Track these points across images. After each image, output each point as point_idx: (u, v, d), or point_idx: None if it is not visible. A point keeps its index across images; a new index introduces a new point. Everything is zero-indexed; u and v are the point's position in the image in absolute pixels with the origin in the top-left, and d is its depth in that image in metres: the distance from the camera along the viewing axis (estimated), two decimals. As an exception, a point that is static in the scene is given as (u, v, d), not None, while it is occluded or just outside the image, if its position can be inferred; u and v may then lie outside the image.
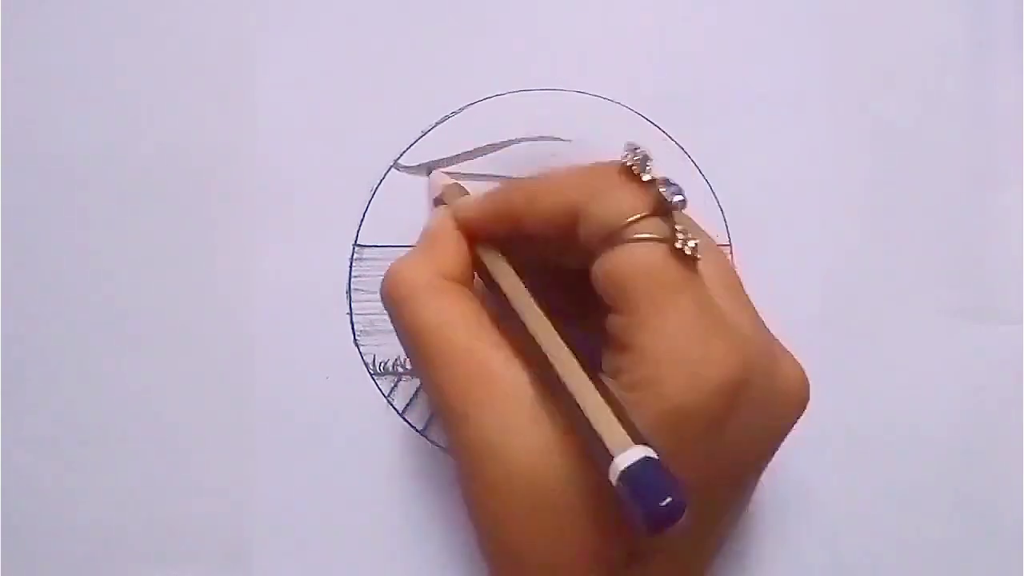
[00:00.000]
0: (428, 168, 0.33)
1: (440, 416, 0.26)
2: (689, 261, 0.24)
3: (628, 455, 0.21)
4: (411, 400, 0.33)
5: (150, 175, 0.33)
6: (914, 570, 0.33)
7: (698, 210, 0.27)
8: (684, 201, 0.24)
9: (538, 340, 0.25)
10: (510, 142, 0.33)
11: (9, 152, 0.33)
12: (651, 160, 0.25)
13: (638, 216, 0.24)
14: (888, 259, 0.34)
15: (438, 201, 0.31)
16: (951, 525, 0.33)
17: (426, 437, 0.33)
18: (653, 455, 0.21)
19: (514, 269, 0.27)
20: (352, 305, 0.33)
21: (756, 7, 0.34)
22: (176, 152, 0.33)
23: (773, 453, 0.26)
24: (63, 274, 0.33)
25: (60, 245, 0.33)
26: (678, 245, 0.24)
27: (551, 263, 0.27)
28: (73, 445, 0.33)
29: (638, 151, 0.25)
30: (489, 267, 0.27)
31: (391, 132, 0.33)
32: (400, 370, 0.33)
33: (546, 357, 0.24)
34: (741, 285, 0.26)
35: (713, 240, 0.27)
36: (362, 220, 0.33)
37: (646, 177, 0.25)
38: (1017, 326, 0.34)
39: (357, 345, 0.33)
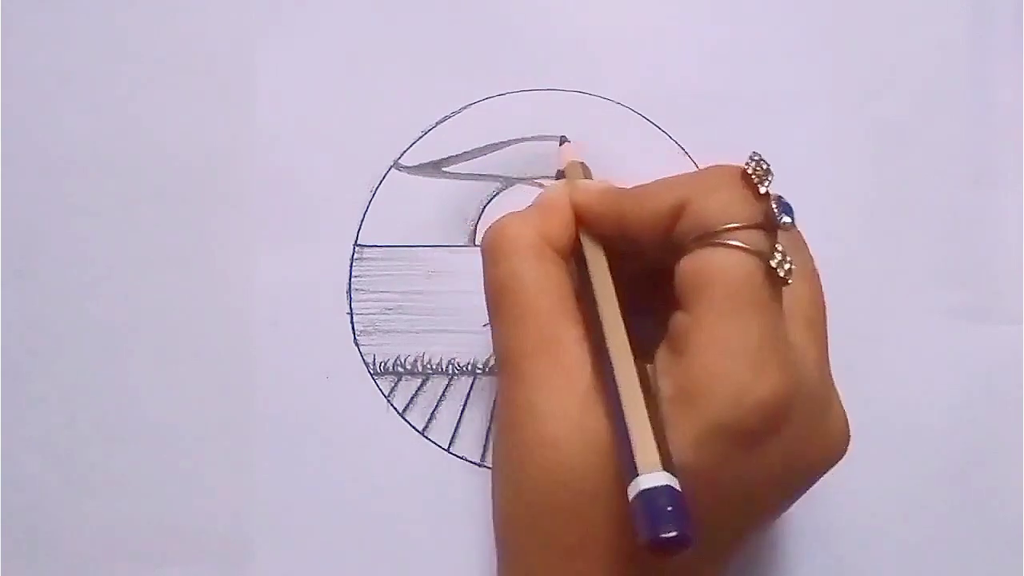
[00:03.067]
0: (430, 168, 0.33)
1: (499, 369, 0.26)
2: (777, 283, 0.24)
3: (652, 477, 0.21)
4: (411, 400, 0.33)
5: (150, 175, 0.33)
6: (914, 570, 0.33)
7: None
8: (792, 223, 0.24)
9: (606, 335, 0.25)
10: (510, 142, 0.33)
11: (9, 152, 0.33)
12: (772, 175, 0.25)
13: (742, 224, 0.24)
14: (888, 259, 0.34)
15: (560, 174, 0.31)
16: (951, 525, 0.33)
17: (426, 437, 0.33)
18: (676, 486, 0.21)
19: (606, 258, 0.27)
20: (352, 305, 0.33)
21: (756, 7, 0.34)
22: (176, 152, 0.33)
23: (799, 495, 0.26)
24: (63, 274, 0.33)
25: (60, 245, 0.33)
26: (773, 264, 0.23)
27: (638, 257, 0.27)
28: (73, 445, 0.33)
29: (762, 162, 0.25)
30: (585, 250, 0.28)
31: (391, 132, 0.33)
32: (400, 370, 0.33)
33: (608, 352, 0.24)
34: (824, 321, 0.26)
35: (815, 268, 0.27)
36: (362, 220, 0.33)
37: (763, 189, 0.24)
38: (1017, 326, 0.34)
39: (357, 345, 0.33)
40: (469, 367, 0.33)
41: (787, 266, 0.24)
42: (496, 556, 0.26)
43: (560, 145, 0.33)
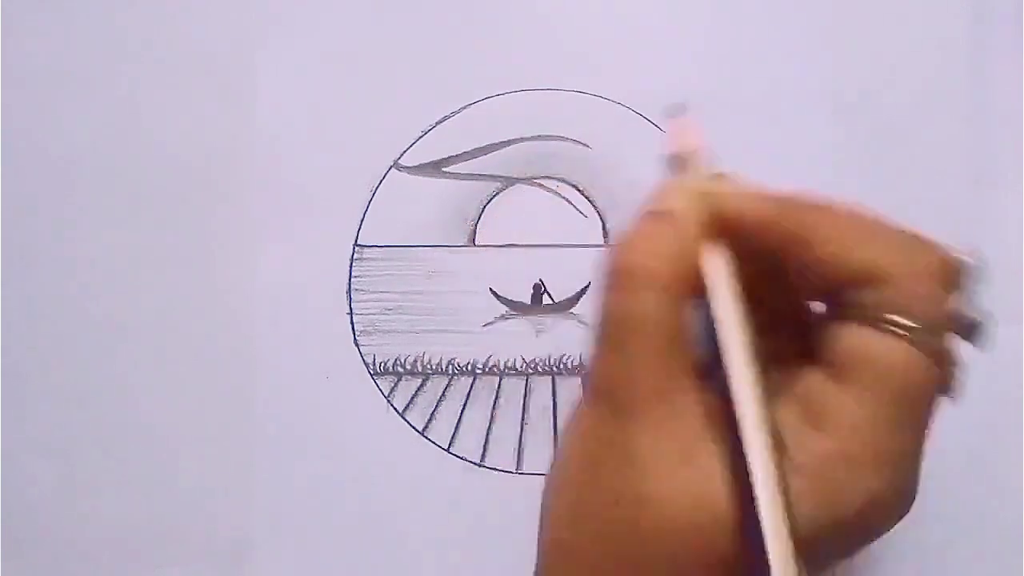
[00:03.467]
0: (430, 168, 0.33)
1: (595, 400, 0.23)
2: (945, 396, 0.23)
3: None
4: (411, 400, 0.33)
5: (150, 175, 0.33)
6: (914, 570, 0.33)
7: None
8: (977, 335, 0.23)
9: (739, 417, 0.22)
10: (510, 142, 0.33)
11: (9, 152, 0.33)
12: (981, 274, 0.23)
13: (932, 323, 0.22)
14: (888, 259, 0.34)
15: (674, 161, 0.26)
16: (951, 525, 0.33)
17: (426, 437, 0.33)
18: None
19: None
20: (352, 305, 0.33)
21: (756, 7, 0.34)
22: (176, 152, 0.33)
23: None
24: (63, 274, 0.33)
25: (60, 245, 0.33)
26: (948, 377, 0.23)
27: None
28: (73, 446, 0.33)
29: (975, 260, 0.23)
30: (719, 296, 0.23)
31: (391, 132, 0.33)
32: (400, 370, 0.33)
33: (738, 438, 0.22)
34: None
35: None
36: (362, 220, 0.33)
37: (964, 292, 0.23)
38: (1017, 326, 0.34)
39: (357, 345, 0.33)
40: (469, 367, 0.33)
41: (960, 383, 0.23)
42: None
43: (672, 119, 0.26)
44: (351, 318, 0.33)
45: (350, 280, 0.33)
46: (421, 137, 0.33)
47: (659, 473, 0.22)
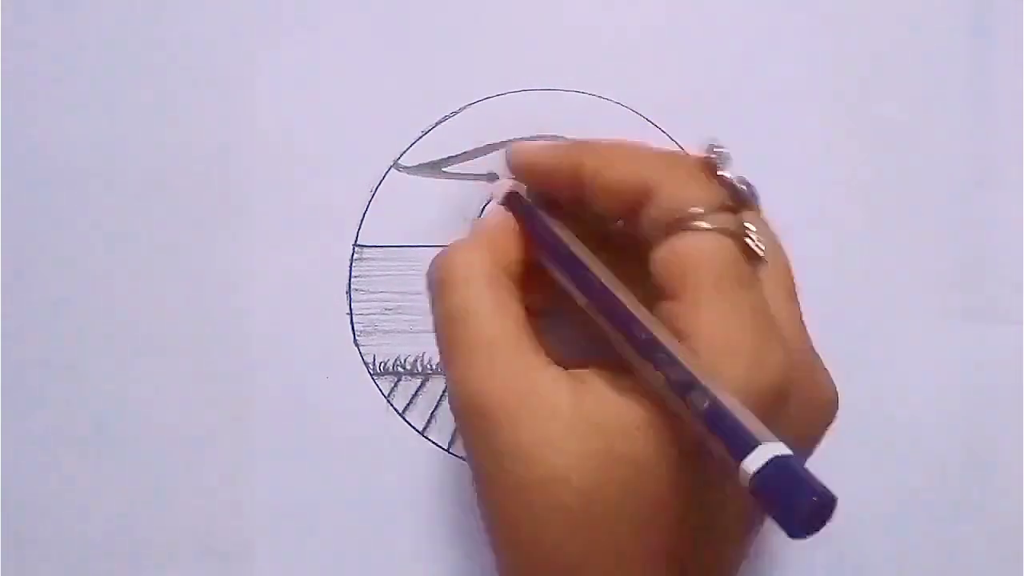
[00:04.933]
0: (430, 168, 0.33)
1: (461, 415, 0.25)
2: (755, 260, 0.24)
3: (758, 455, 0.19)
4: (411, 400, 0.33)
5: (150, 175, 0.33)
6: (914, 570, 0.33)
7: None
8: (757, 200, 0.25)
9: (632, 323, 0.23)
10: (510, 142, 0.33)
11: (9, 152, 0.33)
12: (731, 160, 0.25)
13: (711, 208, 0.24)
14: (888, 259, 0.34)
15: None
16: (951, 525, 0.33)
17: (426, 437, 0.33)
18: (785, 451, 0.19)
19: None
20: (352, 305, 0.33)
21: (756, 7, 0.34)
22: (176, 152, 0.33)
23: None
24: (63, 274, 0.33)
25: (60, 245, 0.33)
26: (748, 243, 0.24)
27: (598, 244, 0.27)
28: (73, 445, 0.33)
29: (721, 149, 0.25)
30: (564, 237, 0.26)
31: (391, 132, 0.33)
32: (400, 370, 0.33)
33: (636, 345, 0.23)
34: (795, 290, 0.26)
35: (780, 243, 0.27)
36: (362, 220, 0.33)
37: (726, 174, 0.25)
38: (1017, 326, 0.34)
39: (357, 345, 0.33)
40: (469, 367, 0.33)
41: (761, 244, 0.24)
42: None
43: (487, 182, 0.32)
44: (351, 318, 0.33)
45: (350, 280, 0.33)
46: (421, 137, 0.33)
47: (550, 453, 0.23)
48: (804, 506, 0.18)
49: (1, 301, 0.33)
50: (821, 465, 0.33)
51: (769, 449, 0.19)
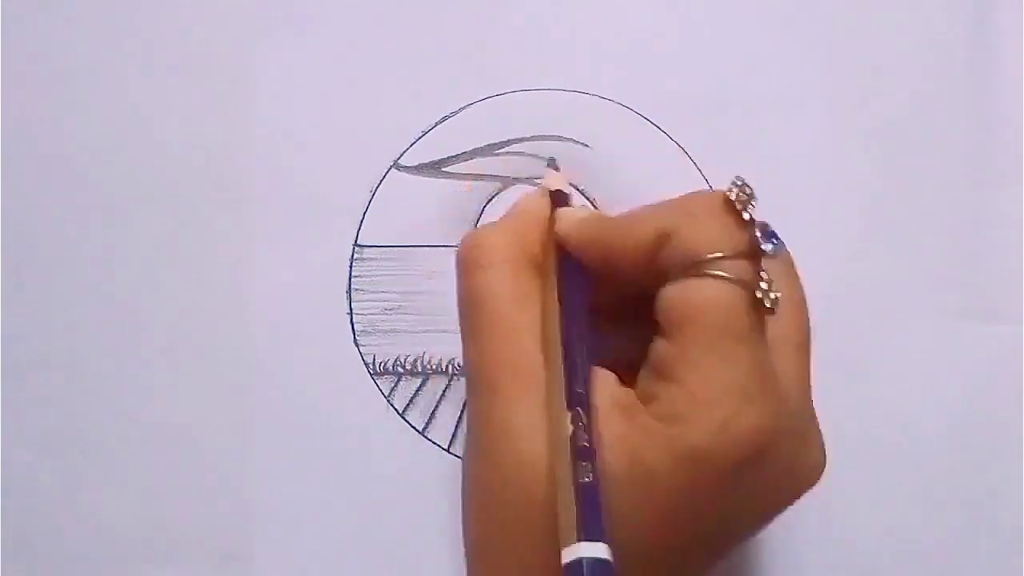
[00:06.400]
0: (430, 168, 0.33)
1: (470, 386, 0.26)
2: (762, 313, 0.23)
3: (573, 550, 0.21)
4: (411, 400, 0.33)
5: (150, 176, 0.33)
6: (914, 570, 0.33)
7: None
8: (778, 248, 0.24)
9: (548, 385, 0.24)
10: (510, 142, 0.33)
11: (9, 152, 0.33)
12: (755, 201, 0.24)
13: (727, 254, 0.23)
14: (888, 259, 0.34)
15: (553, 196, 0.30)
16: (951, 525, 0.33)
17: (426, 437, 0.33)
18: (601, 554, 0.21)
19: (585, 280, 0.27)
20: (352, 305, 0.33)
21: (756, 7, 0.34)
22: (176, 153, 0.33)
23: (770, 522, 0.26)
24: (63, 274, 0.33)
25: (60, 245, 0.33)
26: (758, 295, 0.23)
27: (619, 282, 0.27)
28: (73, 445, 0.33)
29: (746, 187, 0.24)
30: (558, 284, 0.27)
31: (391, 132, 0.33)
32: (400, 370, 0.33)
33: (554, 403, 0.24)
34: (808, 348, 0.26)
35: (803, 295, 0.26)
36: (362, 220, 0.33)
37: (746, 216, 0.24)
38: (1017, 326, 0.34)
39: (357, 345, 0.33)
40: (469, 367, 0.33)
41: (772, 295, 0.23)
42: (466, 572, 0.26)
43: (547, 166, 0.32)
44: (351, 318, 0.33)
45: (350, 280, 0.33)
46: (421, 137, 0.33)
47: (531, 436, 0.24)
48: None
49: (1, 301, 0.33)
50: (821, 465, 0.33)
51: (592, 548, 0.21)
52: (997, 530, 0.33)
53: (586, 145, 0.33)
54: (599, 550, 0.21)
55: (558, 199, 0.29)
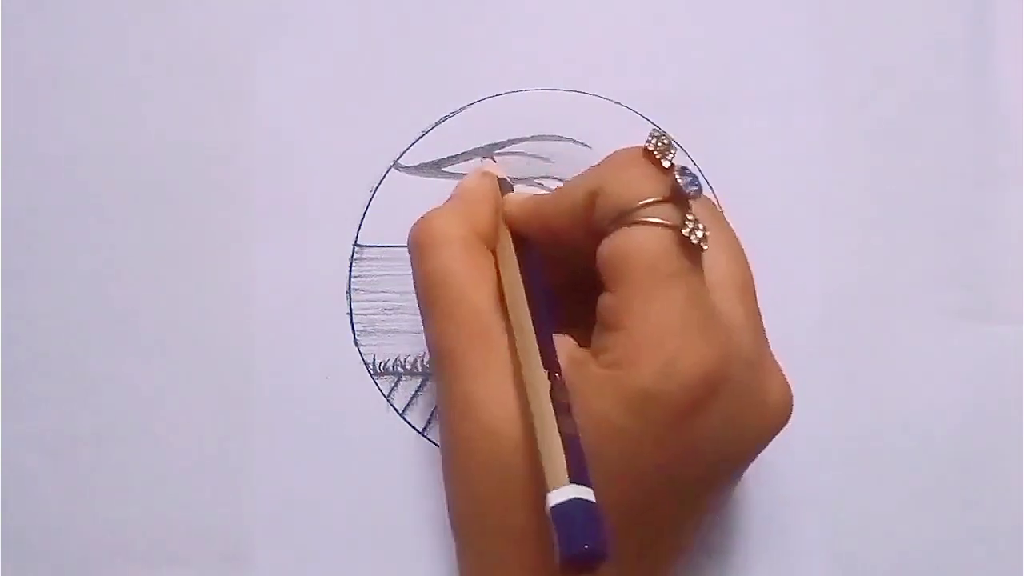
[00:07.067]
0: (430, 168, 0.33)
1: (434, 366, 0.27)
2: (694, 251, 0.24)
3: (562, 492, 0.21)
4: (411, 400, 0.33)
5: (150, 175, 0.33)
6: (914, 570, 0.33)
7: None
8: (699, 190, 0.25)
9: (520, 347, 0.25)
10: (510, 142, 0.33)
11: (9, 152, 0.33)
12: (674, 148, 0.25)
13: (652, 200, 0.24)
14: (888, 259, 0.34)
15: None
16: (951, 525, 0.33)
17: (426, 437, 0.33)
18: (588, 496, 0.21)
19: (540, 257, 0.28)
20: (352, 305, 0.33)
21: (756, 7, 0.34)
22: (176, 152, 0.33)
23: (746, 464, 0.26)
24: (63, 274, 0.33)
25: (60, 245, 0.33)
26: (685, 233, 0.24)
27: (575, 255, 0.27)
28: (73, 445, 0.33)
29: (662, 137, 0.25)
30: (500, 257, 0.28)
31: (391, 132, 0.33)
32: (400, 370, 0.33)
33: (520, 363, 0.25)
34: (752, 288, 0.26)
35: (735, 238, 0.27)
36: (362, 220, 0.33)
37: (666, 163, 0.25)
38: (1017, 326, 0.34)
39: (357, 345, 0.33)
40: (469, 367, 0.33)
41: (700, 233, 0.24)
42: (454, 548, 0.27)
43: (482, 161, 0.33)
44: (351, 318, 0.33)
45: (350, 280, 0.33)
46: (421, 137, 0.33)
47: (494, 407, 0.25)
48: (578, 546, 0.20)
49: (1, 301, 0.33)
50: (819, 465, 0.33)
51: (579, 491, 0.21)
52: (997, 530, 0.33)
53: (586, 145, 0.33)
54: (587, 493, 0.21)
55: (504, 187, 0.30)
